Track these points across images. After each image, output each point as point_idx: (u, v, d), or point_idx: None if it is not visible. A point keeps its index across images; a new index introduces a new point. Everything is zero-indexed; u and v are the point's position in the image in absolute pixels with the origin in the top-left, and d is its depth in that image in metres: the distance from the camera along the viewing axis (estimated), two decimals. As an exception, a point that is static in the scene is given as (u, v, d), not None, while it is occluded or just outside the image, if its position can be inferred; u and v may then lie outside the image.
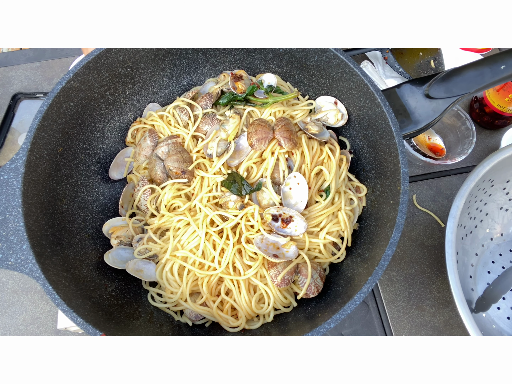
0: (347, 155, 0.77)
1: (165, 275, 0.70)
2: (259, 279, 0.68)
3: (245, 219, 0.69)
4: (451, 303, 0.61)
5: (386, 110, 0.66)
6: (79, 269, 0.66)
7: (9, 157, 0.97)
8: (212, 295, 0.69)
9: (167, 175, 0.75)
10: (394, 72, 1.02)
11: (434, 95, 0.69)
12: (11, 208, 0.59)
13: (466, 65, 0.69)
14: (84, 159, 0.75)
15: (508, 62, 0.67)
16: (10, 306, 0.83)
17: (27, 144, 0.62)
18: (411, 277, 0.87)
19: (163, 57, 0.80)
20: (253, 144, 0.70)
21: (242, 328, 0.68)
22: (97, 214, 0.77)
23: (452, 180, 0.97)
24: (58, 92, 0.65)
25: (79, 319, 0.55)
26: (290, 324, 0.66)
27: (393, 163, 0.65)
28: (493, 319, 0.80)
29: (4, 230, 0.58)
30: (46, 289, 0.56)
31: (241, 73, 0.80)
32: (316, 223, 0.72)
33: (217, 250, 0.68)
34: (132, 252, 0.72)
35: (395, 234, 0.59)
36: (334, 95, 0.79)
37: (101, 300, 0.65)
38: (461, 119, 0.94)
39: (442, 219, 0.92)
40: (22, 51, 1.12)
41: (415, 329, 0.83)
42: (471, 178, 0.68)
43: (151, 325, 0.67)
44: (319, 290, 0.68)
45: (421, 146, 0.97)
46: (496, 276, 0.84)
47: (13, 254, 0.57)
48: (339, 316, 0.55)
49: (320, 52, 0.74)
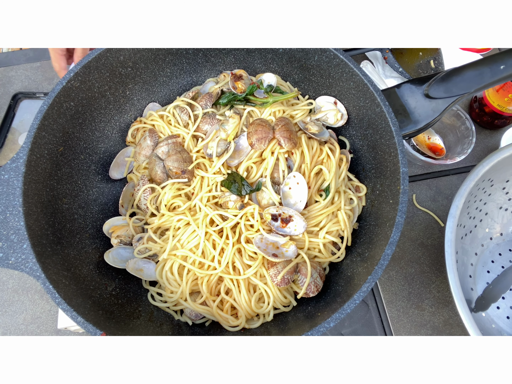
0: (346, 155, 0.77)
1: (165, 274, 0.70)
2: (259, 278, 0.68)
3: (245, 218, 0.69)
4: (451, 302, 0.61)
5: (386, 110, 0.66)
6: (79, 268, 0.66)
7: (9, 156, 0.98)
8: (212, 294, 0.69)
9: (167, 174, 0.76)
10: (394, 72, 1.02)
11: (433, 95, 0.69)
12: (11, 207, 0.59)
13: (466, 65, 0.69)
14: (84, 158, 0.76)
15: (508, 62, 0.67)
16: (10, 305, 0.83)
17: (27, 144, 0.62)
18: (411, 277, 0.87)
19: (163, 57, 0.80)
20: (253, 143, 0.70)
21: (242, 327, 0.68)
22: (98, 213, 0.77)
23: (452, 180, 0.97)
24: (58, 91, 0.65)
25: (80, 318, 0.55)
26: (290, 323, 0.66)
27: (393, 163, 0.65)
28: (492, 319, 0.80)
29: (5, 229, 0.58)
30: (47, 288, 0.56)
31: (241, 73, 0.80)
32: (315, 223, 0.72)
33: (217, 250, 0.68)
34: (132, 252, 0.73)
35: (395, 233, 0.59)
36: (334, 95, 0.79)
37: (101, 299, 0.65)
38: (461, 119, 0.94)
39: (442, 219, 0.92)
40: (22, 51, 1.12)
41: (414, 328, 0.83)
42: (470, 177, 0.68)
43: (151, 324, 0.67)
44: (318, 289, 0.68)
45: (421, 146, 0.97)
46: (496, 276, 0.84)
47: (14, 253, 0.57)
48: (339, 315, 0.56)
49: (320, 52, 0.74)
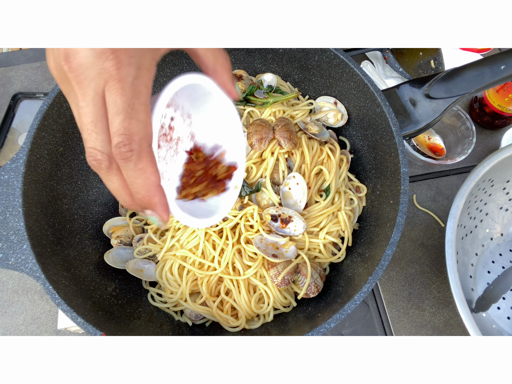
0: (347, 155, 0.77)
1: (165, 274, 0.70)
2: (259, 279, 0.68)
3: (245, 219, 0.69)
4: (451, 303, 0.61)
5: (386, 110, 0.66)
6: (79, 269, 0.66)
7: (9, 157, 0.97)
8: (212, 295, 0.69)
9: (167, 175, 0.76)
10: (394, 72, 1.02)
11: (434, 95, 0.69)
12: (11, 207, 0.59)
13: (466, 65, 0.69)
14: (84, 158, 0.76)
15: (508, 62, 0.67)
16: (10, 306, 0.83)
17: (27, 144, 0.62)
18: (411, 277, 0.87)
19: (163, 57, 0.80)
20: (253, 144, 0.70)
21: (242, 328, 0.68)
22: (97, 214, 0.77)
23: (452, 180, 0.97)
24: (58, 91, 0.65)
25: (80, 319, 0.55)
26: (290, 324, 0.66)
27: (393, 163, 0.65)
28: (493, 319, 0.80)
29: (5, 230, 0.58)
30: (47, 289, 0.56)
31: (241, 73, 0.80)
32: (316, 223, 0.72)
33: (217, 250, 0.68)
34: (132, 252, 0.73)
35: (395, 234, 0.59)
36: (334, 95, 0.79)
37: (101, 299, 0.65)
38: (461, 119, 0.94)
39: (442, 219, 0.92)
40: (22, 51, 1.12)
41: (415, 329, 0.83)
42: (471, 178, 0.68)
43: (151, 325, 0.67)
44: (319, 290, 0.68)
45: (421, 146, 0.97)
46: (496, 276, 0.84)
47: (14, 253, 0.57)
48: (339, 316, 0.56)
49: (320, 52, 0.74)
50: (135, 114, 0.35)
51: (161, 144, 0.44)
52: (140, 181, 0.37)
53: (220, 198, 0.49)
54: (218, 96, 0.45)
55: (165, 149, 0.46)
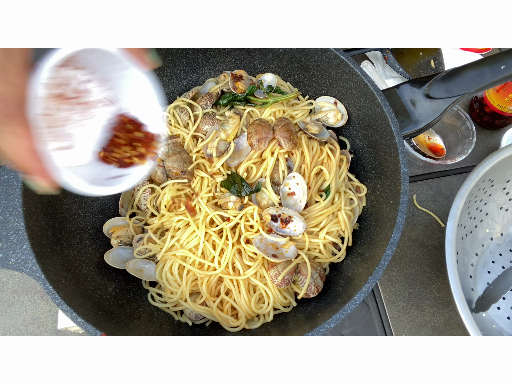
0: (347, 155, 0.77)
1: (165, 274, 0.70)
2: (259, 279, 0.68)
3: (245, 219, 0.69)
4: (451, 303, 0.61)
5: (386, 110, 0.66)
6: (79, 269, 0.66)
7: (9, 157, 0.97)
8: (212, 295, 0.69)
9: (167, 175, 0.75)
10: (394, 72, 1.02)
11: (434, 95, 0.69)
12: (11, 207, 0.59)
13: (466, 65, 0.69)
14: (84, 159, 0.76)
15: (508, 62, 0.67)
16: (10, 306, 0.83)
17: (27, 144, 0.62)
18: (411, 277, 0.87)
19: (163, 57, 0.80)
20: (253, 144, 0.70)
21: (242, 328, 0.68)
22: (97, 214, 0.77)
23: (452, 180, 0.97)
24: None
25: (80, 319, 0.55)
26: (290, 324, 0.66)
27: (393, 163, 0.65)
28: (493, 319, 0.80)
29: (5, 230, 0.58)
30: (47, 289, 0.56)
31: (241, 73, 0.80)
32: (316, 223, 0.72)
33: (217, 250, 0.68)
34: (132, 252, 0.72)
35: (395, 234, 0.59)
36: (334, 95, 0.79)
37: (101, 299, 0.65)
38: (461, 119, 0.94)
39: (442, 219, 0.92)
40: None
41: (415, 329, 0.83)
42: (471, 178, 0.68)
43: (151, 325, 0.67)
44: (319, 290, 0.68)
45: (421, 146, 0.97)
46: (496, 276, 0.84)
47: (14, 253, 0.57)
48: (339, 316, 0.56)
49: (320, 52, 0.74)
50: (9, 77, 0.34)
51: (63, 107, 0.43)
52: (16, 145, 0.36)
53: (137, 169, 0.49)
54: (127, 65, 0.44)
55: (75, 111, 0.45)
